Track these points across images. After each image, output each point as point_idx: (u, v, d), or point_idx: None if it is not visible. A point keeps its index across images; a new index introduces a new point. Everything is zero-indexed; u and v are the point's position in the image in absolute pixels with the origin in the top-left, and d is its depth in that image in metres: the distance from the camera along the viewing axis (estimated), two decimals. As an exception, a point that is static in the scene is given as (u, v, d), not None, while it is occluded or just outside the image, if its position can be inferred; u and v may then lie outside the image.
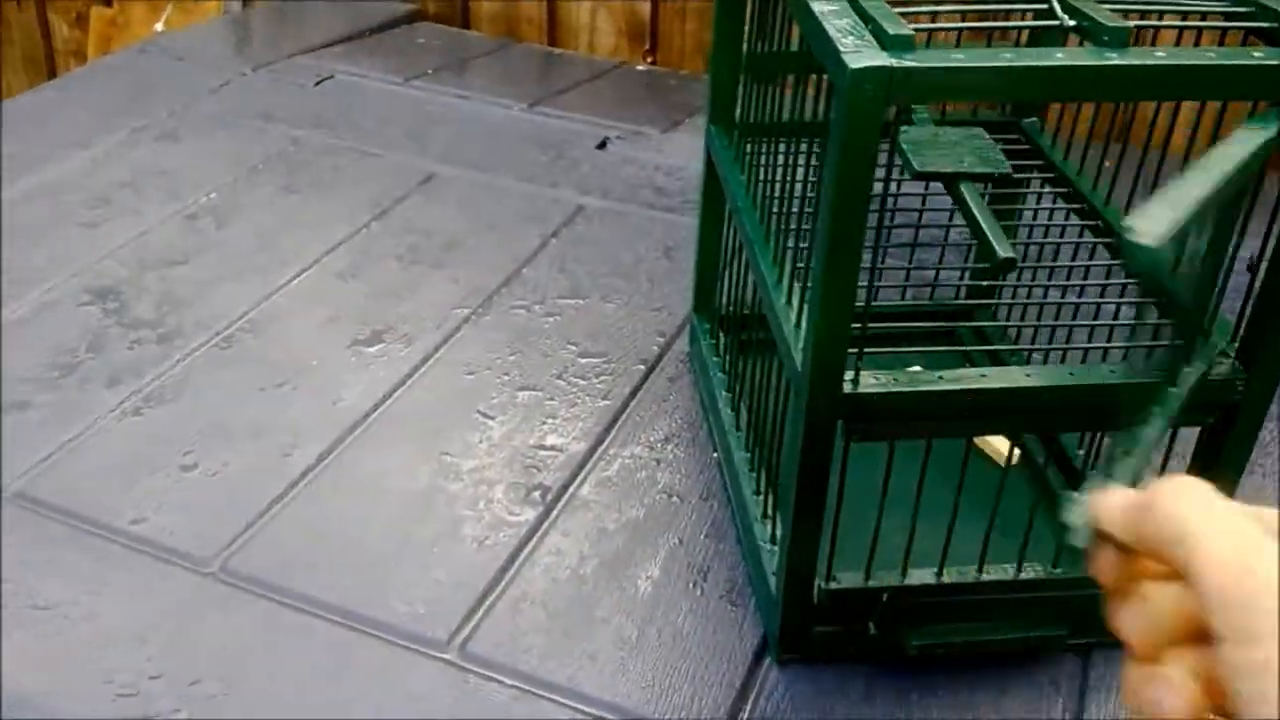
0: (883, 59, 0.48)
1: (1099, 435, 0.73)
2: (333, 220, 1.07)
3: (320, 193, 1.13)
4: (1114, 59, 0.49)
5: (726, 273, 0.82)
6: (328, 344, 0.91)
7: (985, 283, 0.86)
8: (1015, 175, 0.80)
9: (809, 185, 0.63)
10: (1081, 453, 0.75)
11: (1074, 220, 0.73)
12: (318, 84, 1.36)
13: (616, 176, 1.19)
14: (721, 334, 0.85)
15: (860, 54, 0.48)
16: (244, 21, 1.64)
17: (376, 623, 0.67)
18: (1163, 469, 0.64)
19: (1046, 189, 0.77)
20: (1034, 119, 0.81)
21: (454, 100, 1.34)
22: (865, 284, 0.55)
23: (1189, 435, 0.63)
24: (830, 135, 0.51)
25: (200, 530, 0.73)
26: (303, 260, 1.01)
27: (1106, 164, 0.73)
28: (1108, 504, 0.34)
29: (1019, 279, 0.82)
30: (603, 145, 1.25)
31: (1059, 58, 0.49)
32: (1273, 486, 0.80)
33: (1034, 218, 0.79)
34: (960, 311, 0.90)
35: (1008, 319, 0.85)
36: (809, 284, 0.57)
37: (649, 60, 1.57)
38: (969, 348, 0.87)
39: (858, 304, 0.54)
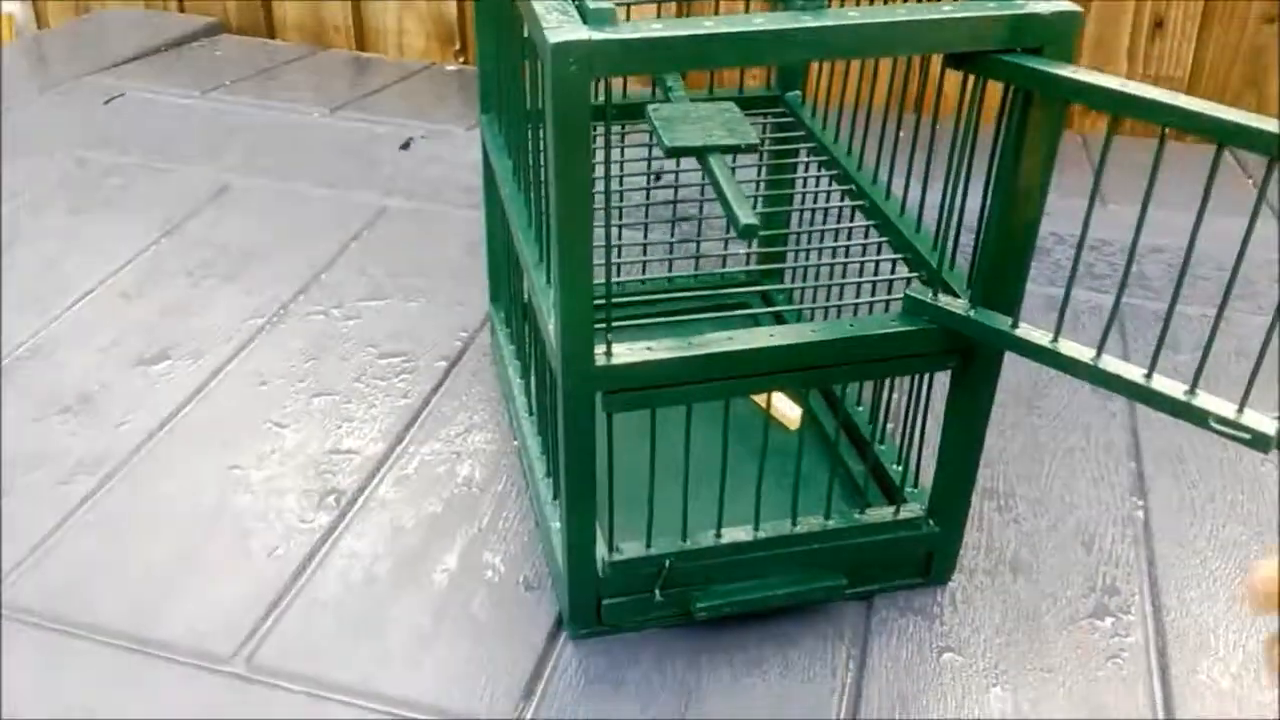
0: (583, 33, 0.49)
1: (875, 397, 0.76)
2: (119, 240, 1.04)
3: (107, 213, 1.09)
4: (807, 21, 0.51)
5: (516, 262, 0.82)
6: (111, 367, 0.88)
7: (757, 249, 0.88)
8: (784, 148, 0.82)
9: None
10: (860, 409, 0.78)
11: (835, 186, 0.76)
12: (107, 103, 1.32)
13: (421, 176, 1.18)
14: (515, 322, 0.85)
15: (561, 29, 0.49)
16: (35, 44, 1.57)
17: (160, 643, 0.65)
18: (925, 412, 0.67)
19: (811, 159, 0.79)
20: (796, 91, 0.84)
21: (252, 110, 1.31)
22: (604, 261, 0.56)
23: (944, 379, 0.65)
24: (545, 112, 0.51)
25: (-32, 569, 0.70)
26: (86, 283, 0.98)
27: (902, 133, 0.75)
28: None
29: (798, 244, 0.85)
30: (406, 146, 1.23)
31: (756, 24, 0.51)
32: (1047, 425, 0.85)
33: (803, 185, 0.82)
34: (750, 282, 0.92)
35: (792, 284, 0.87)
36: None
37: (460, 60, 1.56)
38: (758, 312, 0.90)
39: (599, 281, 0.55)
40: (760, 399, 0.81)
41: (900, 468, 0.72)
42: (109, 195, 1.12)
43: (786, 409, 0.80)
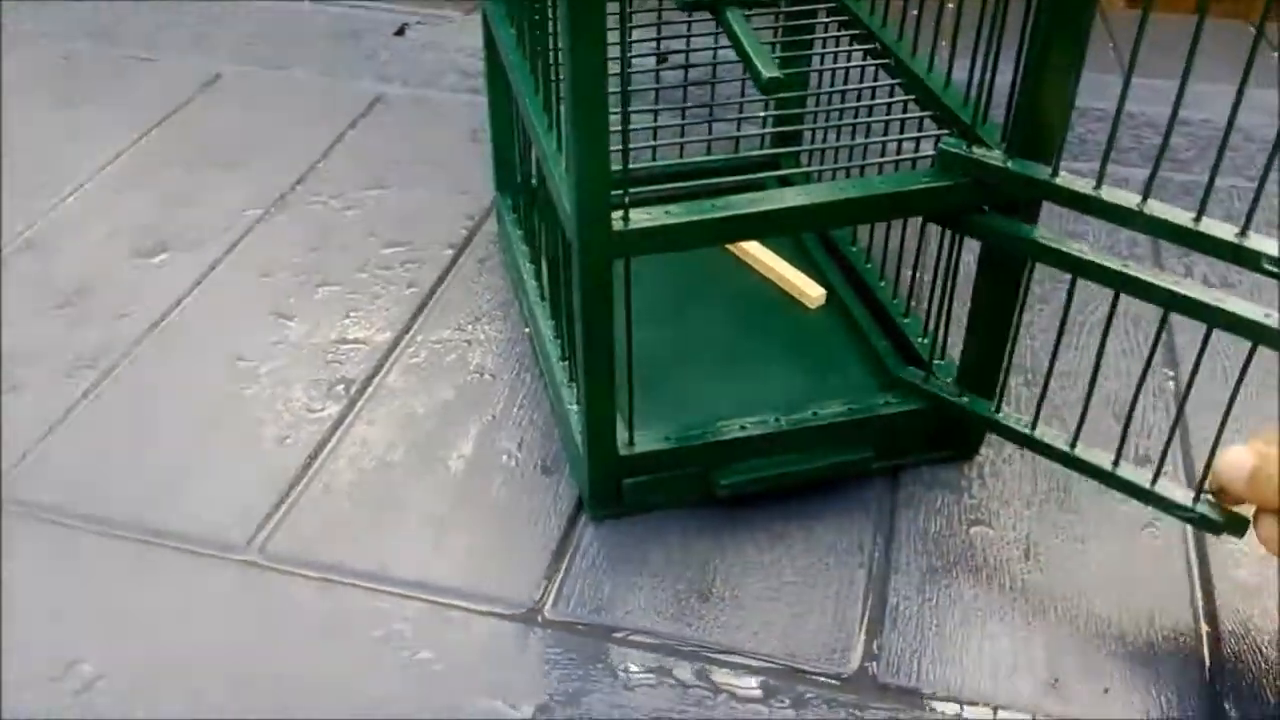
0: None
1: (899, 269, 0.74)
2: (111, 132, 1.00)
3: (97, 105, 1.05)
4: None
5: (524, 145, 0.79)
6: (108, 258, 0.85)
7: (782, 129, 0.84)
8: (800, 9, 0.78)
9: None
10: (883, 284, 0.75)
11: (857, 46, 0.72)
12: (88, -6, 1.26)
13: (417, 63, 1.13)
14: (524, 207, 0.82)
15: None
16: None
17: (170, 534, 0.64)
18: (953, 281, 0.64)
19: (830, 19, 0.75)
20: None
21: None
22: (621, 129, 0.53)
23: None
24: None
25: (-29, 463, 0.68)
26: (79, 175, 0.94)
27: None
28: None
29: (815, 120, 0.81)
30: (400, 31, 1.19)
31: None
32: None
33: (822, 46, 0.78)
34: (766, 163, 0.88)
35: (809, 160, 0.84)
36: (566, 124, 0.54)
37: (453, -55, 1.50)
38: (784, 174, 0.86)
39: (615, 148, 0.52)
40: (780, 279, 0.79)
41: (926, 340, 0.70)
42: (97, 87, 1.08)
43: (808, 288, 0.77)
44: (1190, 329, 0.79)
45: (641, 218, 0.55)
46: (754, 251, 0.80)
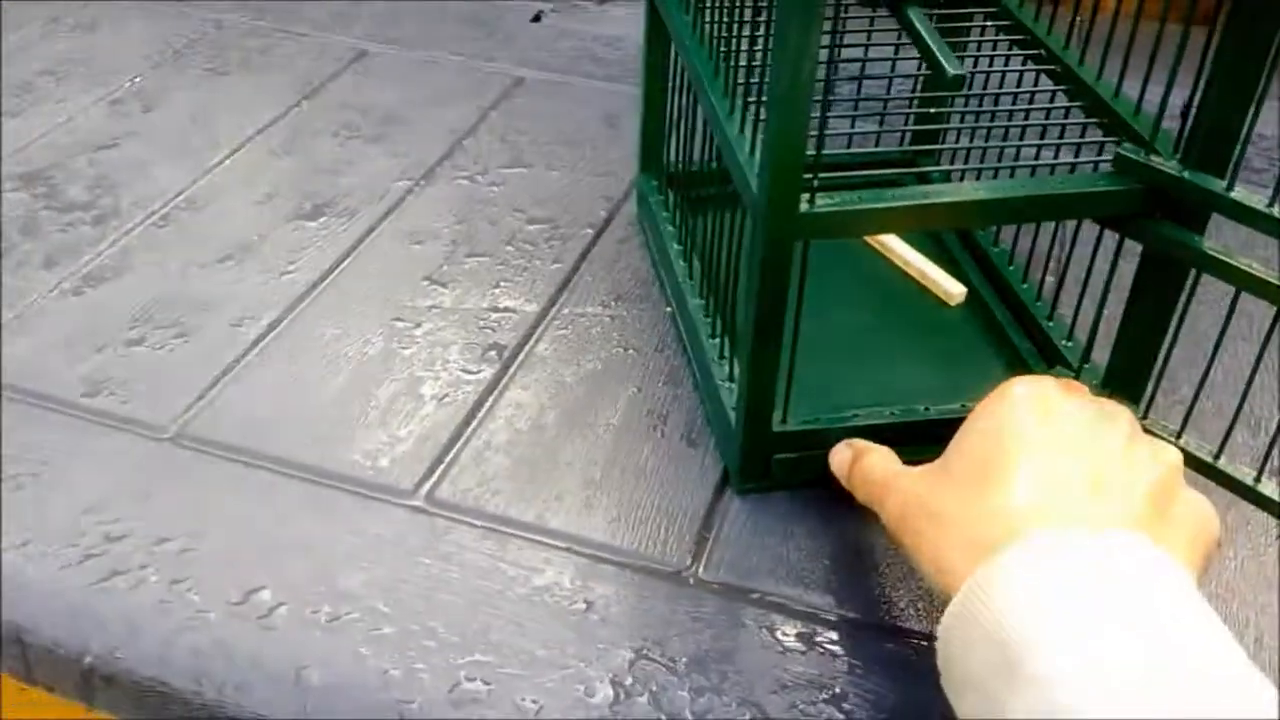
0: None
1: (1045, 274, 0.75)
2: (263, 100, 1.05)
3: (248, 74, 1.09)
4: None
5: (674, 129, 0.81)
6: (268, 219, 0.89)
7: (934, 127, 0.86)
8: (960, 11, 0.80)
9: (756, 13, 0.63)
10: (1025, 286, 0.77)
11: (1016, 51, 0.74)
12: (237, -32, 1.31)
13: (554, 49, 1.17)
14: (670, 191, 0.85)
15: None
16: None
17: (342, 476, 0.67)
18: (1110, 283, 0.66)
19: (989, 24, 0.77)
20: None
21: (381, -20, 1.30)
22: (819, 115, 0.55)
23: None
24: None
25: (154, 399, 0.72)
26: (235, 139, 0.99)
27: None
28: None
29: (963, 120, 0.83)
30: (537, 18, 1.22)
31: None
32: (1209, 312, 0.83)
33: (977, 49, 0.79)
34: (907, 160, 0.90)
35: (952, 160, 0.85)
36: (762, 110, 0.57)
37: (578, -61, 1.53)
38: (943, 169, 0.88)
39: (811, 133, 0.55)
40: (920, 274, 0.81)
41: (1071, 344, 0.71)
42: (248, 56, 1.12)
43: (948, 284, 0.79)
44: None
45: (824, 202, 0.57)
46: (893, 246, 0.82)
